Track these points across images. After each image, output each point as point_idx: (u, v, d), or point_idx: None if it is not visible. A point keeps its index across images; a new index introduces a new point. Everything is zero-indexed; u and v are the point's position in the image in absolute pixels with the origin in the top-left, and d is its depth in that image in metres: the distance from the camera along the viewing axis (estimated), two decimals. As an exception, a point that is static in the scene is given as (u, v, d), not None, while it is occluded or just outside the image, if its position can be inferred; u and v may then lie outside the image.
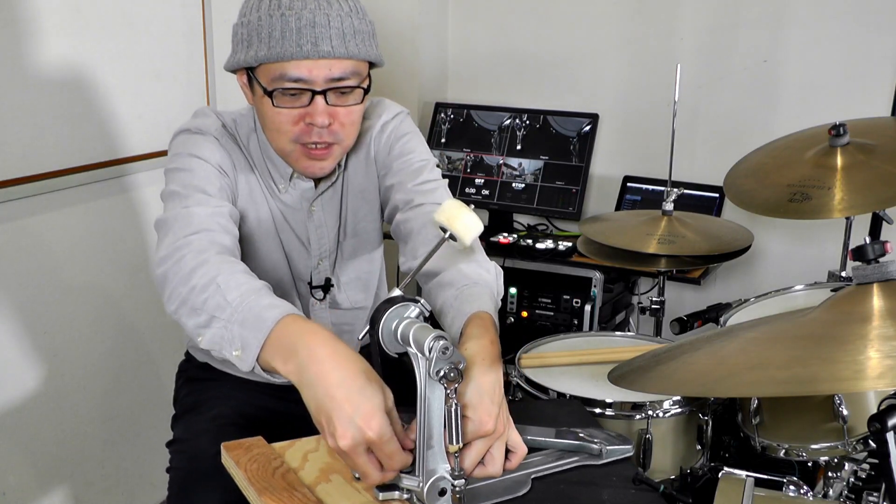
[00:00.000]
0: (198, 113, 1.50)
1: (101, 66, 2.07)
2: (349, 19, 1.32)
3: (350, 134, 1.40)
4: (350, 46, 1.32)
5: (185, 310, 1.19)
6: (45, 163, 1.96)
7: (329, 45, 1.30)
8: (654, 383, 1.16)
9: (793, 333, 1.10)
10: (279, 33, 1.29)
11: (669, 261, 2.14)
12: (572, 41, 2.99)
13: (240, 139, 1.46)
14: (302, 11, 1.29)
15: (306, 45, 1.29)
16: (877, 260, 1.12)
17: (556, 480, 1.21)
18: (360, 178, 1.54)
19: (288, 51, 1.29)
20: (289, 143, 1.37)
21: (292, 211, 1.50)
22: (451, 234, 1.17)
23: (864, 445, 1.45)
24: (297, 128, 1.35)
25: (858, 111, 2.15)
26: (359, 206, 1.55)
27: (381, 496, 1.07)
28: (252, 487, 1.10)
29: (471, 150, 2.99)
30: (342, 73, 1.32)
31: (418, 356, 1.04)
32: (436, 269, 1.36)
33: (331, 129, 1.35)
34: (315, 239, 1.53)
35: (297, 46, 1.29)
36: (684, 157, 2.78)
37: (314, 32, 1.29)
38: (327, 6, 1.31)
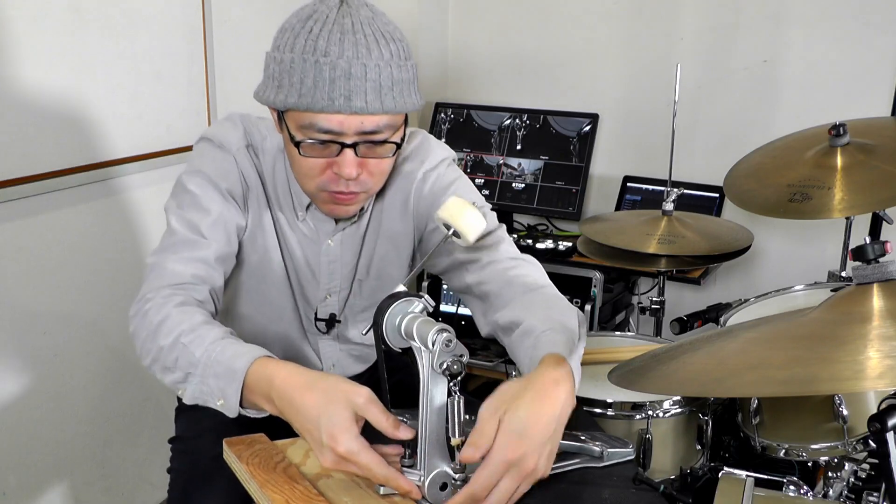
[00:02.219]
0: (228, 119, 1.45)
1: (101, 66, 2.07)
2: (388, 69, 1.23)
3: (379, 182, 1.35)
4: (386, 101, 1.24)
5: (159, 367, 1.23)
6: (45, 163, 1.96)
7: (363, 101, 1.22)
8: (654, 383, 1.16)
9: (793, 333, 1.10)
10: (311, 82, 1.21)
11: (669, 261, 2.14)
12: (572, 41, 2.99)
13: (263, 159, 1.42)
14: (338, 60, 1.21)
15: (338, 98, 1.21)
16: (877, 260, 1.13)
17: (557, 480, 1.21)
18: (393, 222, 1.48)
19: (318, 103, 1.22)
20: (315, 188, 1.33)
21: (307, 241, 1.46)
22: (454, 231, 1.17)
23: (864, 445, 1.45)
24: (325, 176, 1.30)
25: (858, 111, 2.15)
26: (387, 250, 1.50)
27: (381, 490, 1.08)
28: (254, 481, 1.11)
29: (471, 150, 2.99)
30: (375, 126, 1.25)
31: (422, 350, 1.05)
32: (517, 319, 1.31)
33: (359, 180, 1.30)
34: (326, 273, 1.48)
35: (329, 100, 1.21)
36: (684, 157, 2.78)
37: (348, 85, 1.21)
38: (366, 54, 1.22)
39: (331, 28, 1.22)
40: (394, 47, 1.25)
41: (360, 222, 1.47)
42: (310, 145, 1.26)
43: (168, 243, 1.35)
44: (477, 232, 1.18)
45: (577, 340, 1.25)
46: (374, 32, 1.24)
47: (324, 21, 1.23)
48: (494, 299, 1.39)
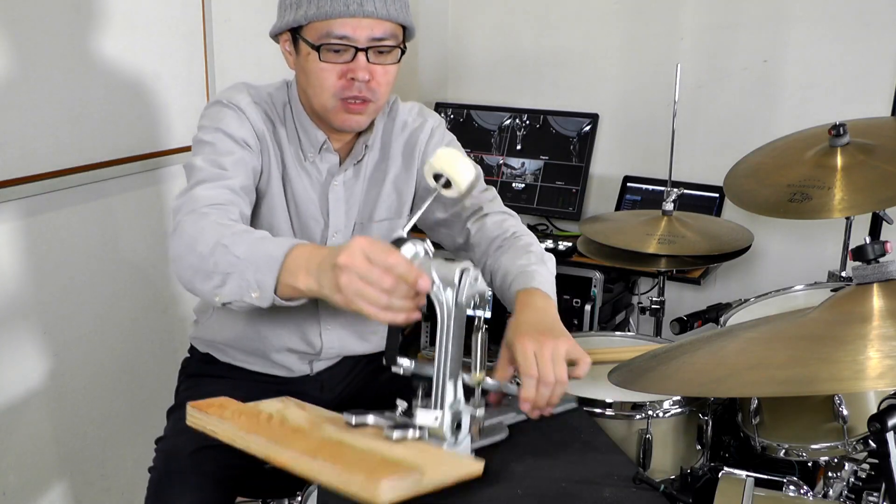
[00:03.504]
0: (232, 87, 1.58)
1: (102, 65, 2.07)
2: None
3: (385, 92, 1.52)
4: (391, 9, 1.44)
5: (200, 277, 1.25)
6: (45, 163, 1.96)
7: (373, 6, 1.41)
8: (654, 383, 1.17)
9: (793, 333, 1.10)
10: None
11: (669, 261, 2.14)
12: (572, 41, 2.99)
13: (275, 110, 1.56)
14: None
15: (352, 4, 1.40)
16: (877, 260, 1.13)
17: (557, 479, 1.21)
18: (398, 169, 1.64)
19: (336, 9, 1.40)
20: (331, 98, 1.46)
21: (315, 182, 1.57)
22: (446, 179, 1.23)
23: (864, 445, 1.45)
24: (340, 83, 1.45)
25: (858, 111, 2.16)
26: (390, 196, 1.63)
27: (394, 435, 1.08)
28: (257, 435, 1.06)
29: (471, 150, 2.98)
30: (383, 33, 1.44)
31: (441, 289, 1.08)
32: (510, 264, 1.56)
33: (369, 86, 1.46)
34: (333, 210, 1.59)
35: (344, 6, 1.40)
36: (684, 157, 2.78)
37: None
38: None
39: None
40: None
41: (361, 165, 1.60)
42: (327, 50, 1.42)
43: (194, 181, 1.41)
44: (469, 180, 1.27)
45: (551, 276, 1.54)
46: None
47: None
48: (490, 245, 1.61)
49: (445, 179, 1.21)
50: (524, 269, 1.52)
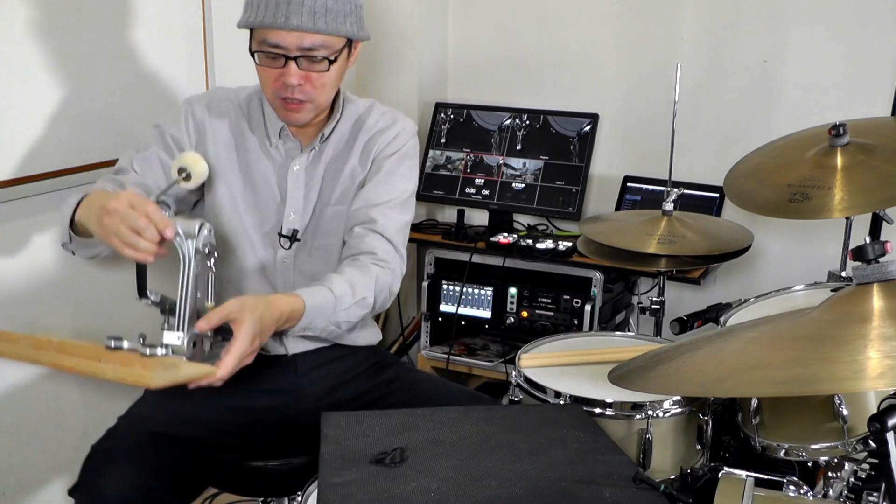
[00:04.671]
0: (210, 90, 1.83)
1: (101, 66, 2.07)
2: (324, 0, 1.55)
3: (321, 94, 1.65)
4: (319, 23, 1.55)
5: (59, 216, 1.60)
6: (45, 163, 1.96)
7: (299, 20, 1.54)
8: (654, 383, 1.17)
9: (793, 333, 1.10)
10: (264, 4, 1.56)
11: (669, 261, 2.14)
12: (572, 41, 2.99)
13: (236, 106, 1.76)
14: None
15: (280, 17, 1.54)
16: (877, 260, 1.13)
17: (558, 479, 1.21)
18: (355, 163, 1.77)
19: (266, 20, 1.55)
20: (272, 95, 1.65)
21: (277, 165, 1.74)
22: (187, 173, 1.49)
23: (864, 445, 1.45)
24: (277, 84, 1.61)
25: (858, 111, 2.15)
26: (346, 185, 1.76)
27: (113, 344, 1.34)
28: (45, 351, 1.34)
29: (471, 150, 2.99)
30: (312, 44, 1.57)
31: (184, 238, 1.37)
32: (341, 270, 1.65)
33: (302, 89, 1.61)
34: (291, 191, 1.74)
35: (273, 17, 1.54)
36: (684, 157, 2.78)
37: (289, 8, 1.54)
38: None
39: None
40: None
41: (319, 153, 1.76)
42: (262, 55, 1.60)
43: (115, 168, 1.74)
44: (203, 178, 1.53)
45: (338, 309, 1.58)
46: None
47: None
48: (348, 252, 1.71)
49: (186, 173, 1.49)
50: (320, 282, 1.59)
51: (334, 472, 1.24)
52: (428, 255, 2.87)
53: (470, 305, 2.80)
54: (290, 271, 1.75)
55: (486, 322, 2.79)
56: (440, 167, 3.00)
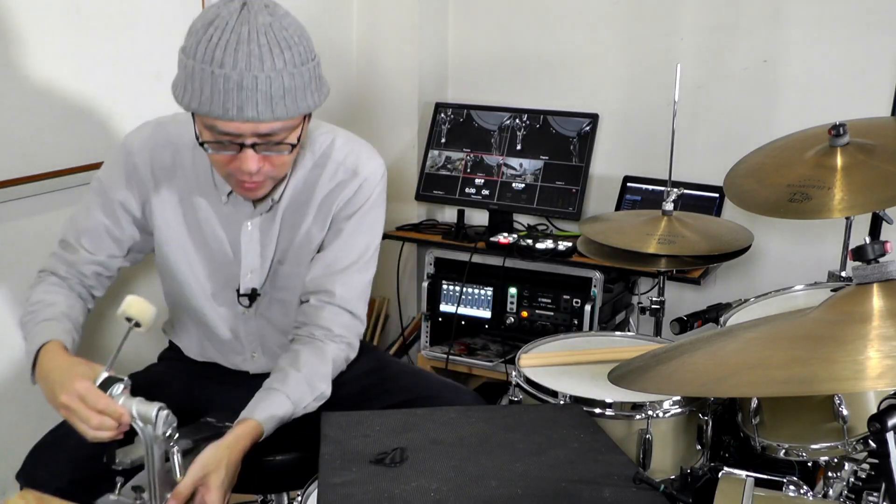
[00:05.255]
0: (145, 124, 1.63)
1: (101, 66, 2.07)
2: (280, 79, 1.34)
3: (283, 170, 1.51)
4: (277, 109, 1.35)
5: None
6: (45, 163, 1.96)
7: (254, 111, 1.34)
8: (654, 383, 1.17)
9: (793, 333, 1.10)
10: (209, 91, 1.33)
11: (669, 261, 2.14)
12: (572, 41, 2.99)
13: (181, 154, 1.59)
14: (231, 72, 1.31)
15: (232, 108, 1.33)
16: (877, 260, 1.13)
17: (558, 479, 1.21)
18: (311, 220, 1.62)
19: (215, 111, 1.34)
20: (225, 174, 1.49)
21: (229, 223, 1.61)
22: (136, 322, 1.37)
23: (864, 445, 1.45)
24: (231, 167, 1.44)
25: (858, 111, 2.15)
26: (302, 242, 1.63)
27: None
28: None
29: (471, 150, 2.99)
30: (270, 130, 1.39)
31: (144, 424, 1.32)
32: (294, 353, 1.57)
33: (262, 171, 1.45)
34: (245, 252, 1.62)
35: (224, 109, 1.33)
36: (684, 157, 2.77)
37: (241, 96, 1.32)
38: (258, 65, 1.32)
39: (228, 37, 1.32)
40: (288, 55, 1.35)
41: (276, 211, 1.61)
42: (213, 145, 1.41)
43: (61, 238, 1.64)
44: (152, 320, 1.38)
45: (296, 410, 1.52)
46: (269, 42, 1.33)
47: (223, 28, 1.33)
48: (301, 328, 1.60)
49: (135, 321, 1.37)
50: (269, 386, 1.51)
51: (334, 471, 1.24)
52: (428, 255, 2.87)
53: (470, 305, 2.80)
54: (252, 320, 1.70)
55: (486, 322, 2.79)
56: (440, 167, 3.00)
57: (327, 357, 1.57)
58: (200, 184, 1.59)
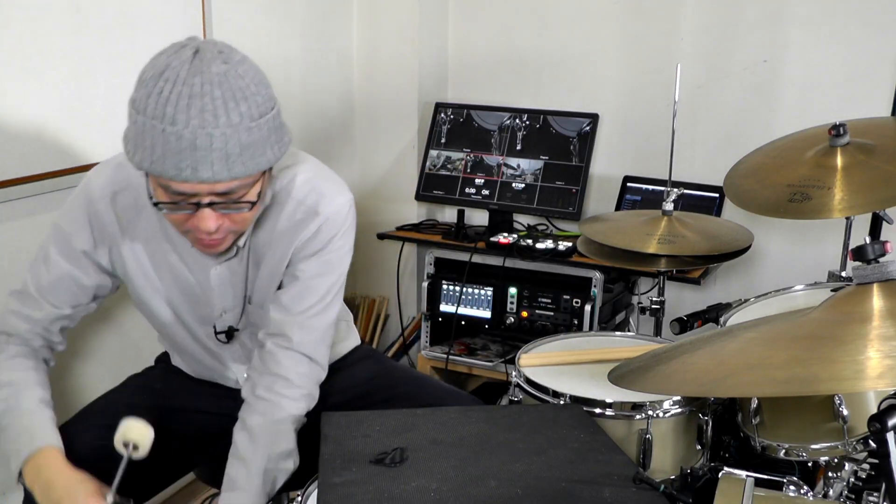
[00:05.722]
0: (105, 164, 1.54)
1: (101, 66, 2.07)
2: (236, 135, 1.24)
3: (244, 226, 1.42)
4: (234, 168, 1.25)
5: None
6: (45, 163, 1.96)
7: (209, 171, 1.24)
8: (654, 383, 1.17)
9: (793, 333, 1.10)
10: (161, 151, 1.23)
11: (669, 261, 2.14)
12: (572, 41, 2.99)
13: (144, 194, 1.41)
14: (183, 130, 1.21)
15: (186, 169, 1.23)
16: (877, 260, 1.13)
17: (558, 479, 1.21)
18: (274, 260, 1.54)
19: (168, 172, 1.24)
20: (183, 231, 1.39)
21: (197, 266, 1.54)
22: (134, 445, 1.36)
23: (864, 445, 1.45)
24: (189, 224, 1.34)
25: (858, 111, 2.15)
26: (269, 279, 1.56)
27: None
28: None
29: (471, 150, 2.99)
30: (227, 188, 1.29)
31: None
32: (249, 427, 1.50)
33: (221, 229, 1.35)
34: (217, 294, 1.57)
35: (177, 170, 1.23)
36: (684, 157, 2.78)
37: (195, 156, 1.22)
38: (213, 121, 1.22)
39: (179, 90, 1.21)
40: (245, 108, 1.25)
41: (246, 247, 1.53)
42: (168, 205, 1.31)
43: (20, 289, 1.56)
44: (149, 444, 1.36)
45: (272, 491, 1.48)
46: (223, 94, 1.23)
47: (174, 81, 1.22)
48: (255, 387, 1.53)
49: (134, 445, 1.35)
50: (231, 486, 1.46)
51: (334, 471, 1.24)
52: (428, 255, 2.87)
53: (470, 305, 2.80)
54: (236, 350, 1.67)
55: (486, 322, 2.79)
56: (440, 167, 3.00)
57: (285, 420, 1.50)
58: (165, 227, 1.49)
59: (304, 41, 2.81)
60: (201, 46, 1.26)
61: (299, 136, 2.90)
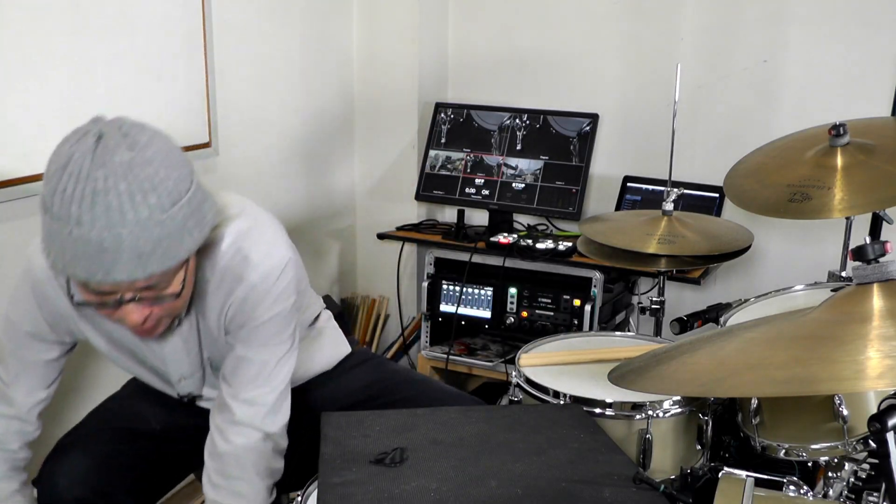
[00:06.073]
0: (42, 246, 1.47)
1: (101, 66, 2.07)
2: (147, 232, 1.15)
3: (177, 311, 1.33)
4: (150, 265, 1.17)
5: None
6: (46, 163, 1.95)
7: (123, 273, 1.16)
8: (654, 383, 1.16)
9: (793, 333, 1.10)
10: (70, 255, 1.15)
11: (669, 261, 2.14)
12: (572, 41, 2.99)
13: None
14: (90, 233, 1.13)
15: (98, 272, 1.15)
16: (877, 260, 1.13)
17: (558, 479, 1.21)
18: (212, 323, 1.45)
19: (80, 275, 1.17)
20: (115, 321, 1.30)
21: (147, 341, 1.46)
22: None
23: (864, 445, 1.45)
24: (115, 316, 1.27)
25: (858, 111, 2.15)
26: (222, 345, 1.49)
27: None
28: None
29: (471, 150, 2.99)
30: (148, 283, 1.21)
31: None
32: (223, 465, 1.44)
33: (151, 317, 1.28)
34: (172, 363, 1.51)
35: (89, 273, 1.16)
36: (684, 157, 2.78)
37: (104, 259, 1.14)
38: (120, 219, 1.13)
39: (83, 187, 1.13)
40: (154, 199, 1.15)
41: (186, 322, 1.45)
42: (90, 305, 1.25)
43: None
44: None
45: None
46: (129, 187, 1.14)
47: (77, 176, 1.13)
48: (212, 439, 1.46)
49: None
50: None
51: (334, 472, 1.24)
52: (428, 255, 2.87)
53: (470, 305, 2.80)
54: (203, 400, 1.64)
55: (486, 322, 2.79)
56: (440, 167, 3.00)
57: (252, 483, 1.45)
58: None
59: (304, 41, 2.81)
60: (105, 132, 1.17)
61: (299, 136, 2.90)
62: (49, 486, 1.49)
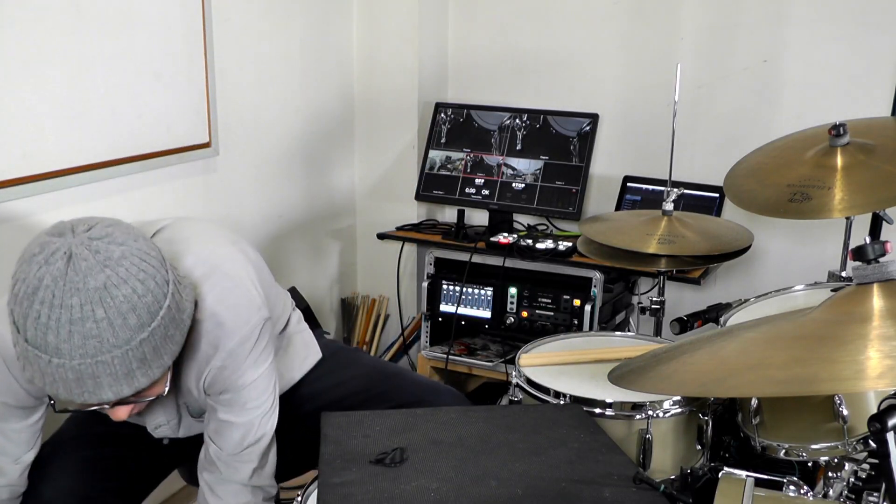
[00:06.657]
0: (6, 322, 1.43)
1: (101, 66, 2.07)
2: (131, 353, 1.12)
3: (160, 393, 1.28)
4: (136, 381, 1.15)
5: None
6: (45, 163, 1.96)
7: (109, 393, 1.13)
8: (654, 383, 1.16)
9: (793, 333, 1.10)
10: (52, 379, 1.11)
11: (669, 261, 2.14)
12: (572, 41, 2.99)
13: None
14: (70, 362, 1.09)
15: (82, 395, 1.13)
16: (877, 260, 1.13)
17: (558, 479, 1.21)
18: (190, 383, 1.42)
19: (63, 397, 1.14)
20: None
21: None
22: None
23: (864, 445, 1.45)
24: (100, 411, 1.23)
25: (858, 111, 2.16)
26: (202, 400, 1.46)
27: None
28: None
29: (471, 150, 2.99)
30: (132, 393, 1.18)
31: None
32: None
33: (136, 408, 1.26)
34: (148, 417, 1.51)
35: (74, 395, 1.13)
36: (684, 157, 2.78)
37: (88, 384, 1.11)
38: (100, 346, 1.09)
39: (59, 316, 1.08)
40: (133, 320, 1.11)
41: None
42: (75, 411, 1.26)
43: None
44: None
45: None
46: (107, 313, 1.09)
47: (50, 303, 1.08)
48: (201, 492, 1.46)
49: None
50: None
51: (334, 472, 1.24)
52: (428, 255, 2.87)
53: (470, 305, 2.80)
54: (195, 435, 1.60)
55: (486, 322, 2.79)
56: (440, 167, 3.00)
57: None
58: None
59: (304, 41, 2.81)
60: (74, 251, 1.09)
61: (299, 136, 2.90)
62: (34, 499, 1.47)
